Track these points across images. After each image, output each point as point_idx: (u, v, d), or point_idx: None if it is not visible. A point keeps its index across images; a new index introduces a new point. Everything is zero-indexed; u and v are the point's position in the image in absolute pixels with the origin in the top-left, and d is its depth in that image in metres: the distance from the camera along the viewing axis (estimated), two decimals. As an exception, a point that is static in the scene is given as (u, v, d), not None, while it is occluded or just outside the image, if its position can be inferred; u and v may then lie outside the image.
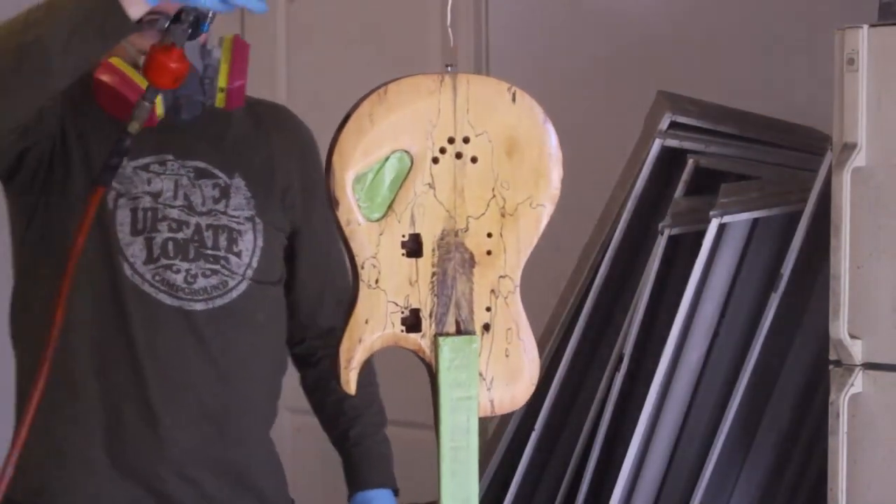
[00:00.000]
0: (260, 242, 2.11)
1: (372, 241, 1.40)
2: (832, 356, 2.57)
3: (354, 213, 1.40)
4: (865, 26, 2.51)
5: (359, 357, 1.40)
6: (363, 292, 1.39)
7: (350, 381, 1.40)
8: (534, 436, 3.02)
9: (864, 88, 2.50)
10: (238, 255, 2.09)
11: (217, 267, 2.07)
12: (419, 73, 1.45)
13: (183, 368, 2.07)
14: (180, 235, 2.06)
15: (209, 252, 2.07)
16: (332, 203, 1.40)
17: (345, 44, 4.21)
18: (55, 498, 2.08)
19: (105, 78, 1.99)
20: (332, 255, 2.22)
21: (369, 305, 1.39)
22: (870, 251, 2.52)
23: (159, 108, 2.00)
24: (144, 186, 2.05)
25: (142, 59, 1.96)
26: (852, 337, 2.53)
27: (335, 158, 1.39)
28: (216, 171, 2.10)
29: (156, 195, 2.06)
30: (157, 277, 2.04)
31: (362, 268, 1.39)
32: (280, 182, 2.15)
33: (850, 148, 2.51)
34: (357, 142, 1.40)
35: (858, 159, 2.52)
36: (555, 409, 3.04)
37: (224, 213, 2.09)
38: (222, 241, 2.08)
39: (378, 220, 1.40)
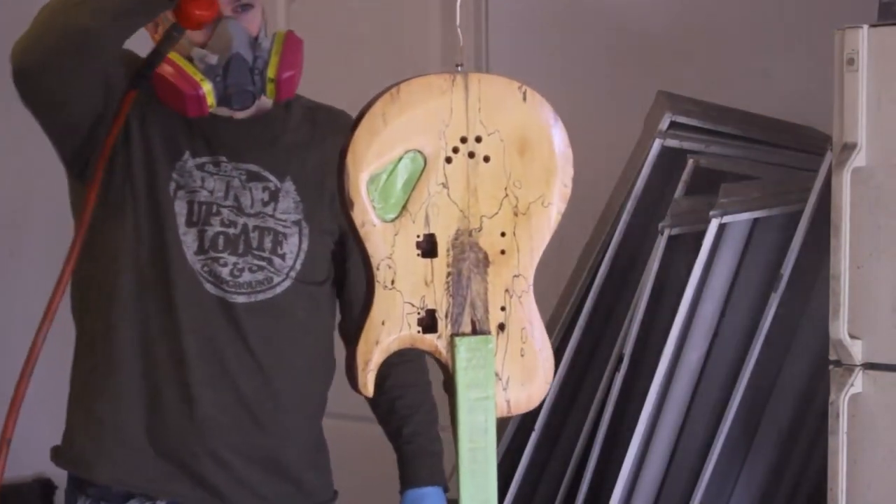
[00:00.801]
0: (305, 245, 2.15)
1: (387, 242, 1.39)
2: (832, 356, 2.57)
3: (369, 214, 1.39)
4: (865, 26, 2.51)
5: (376, 359, 1.39)
6: (379, 293, 1.38)
7: (368, 383, 1.39)
8: (534, 436, 3.02)
9: (864, 88, 2.51)
10: (282, 256, 2.13)
11: (264, 264, 2.12)
12: (421, 72, 1.45)
13: (222, 356, 2.11)
14: (231, 231, 2.11)
15: (254, 252, 2.12)
16: (346, 204, 1.39)
17: (345, 44, 4.20)
18: (92, 468, 2.13)
19: (163, 72, 2.05)
20: None
21: (385, 307, 1.39)
22: (870, 251, 2.52)
23: (210, 98, 2.05)
24: (200, 184, 2.11)
25: (194, 51, 2.05)
26: (852, 337, 2.54)
27: (349, 159, 1.39)
28: (267, 175, 2.14)
29: (210, 193, 2.11)
30: (205, 268, 2.10)
31: (377, 269, 1.39)
32: (330, 187, 2.15)
33: (850, 148, 2.51)
34: (370, 142, 1.39)
35: (858, 159, 2.52)
36: (555, 409, 3.04)
37: (272, 215, 2.13)
38: (267, 243, 2.12)
39: (392, 221, 1.40)
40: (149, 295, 2.10)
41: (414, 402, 2.25)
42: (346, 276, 2.23)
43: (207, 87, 2.04)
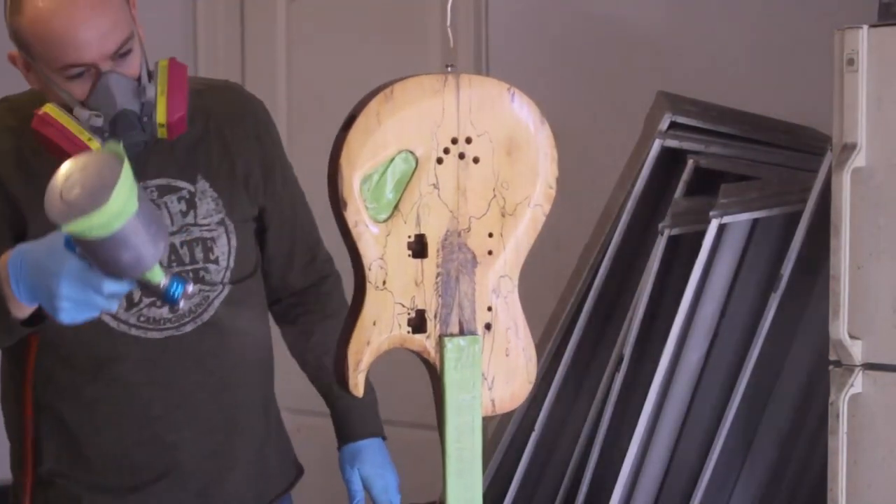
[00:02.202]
0: (234, 242, 2.12)
1: (379, 243, 1.39)
2: (832, 356, 2.57)
3: (362, 214, 1.40)
4: (865, 26, 2.51)
5: (367, 359, 1.39)
6: (371, 294, 1.39)
7: (359, 384, 1.40)
8: (534, 436, 3.02)
9: (864, 88, 2.50)
10: (216, 261, 2.10)
11: (198, 285, 2.09)
12: (420, 73, 1.45)
13: (185, 392, 2.10)
14: None
15: (188, 268, 2.08)
16: (340, 204, 1.39)
17: (345, 44, 4.21)
18: None
19: (43, 130, 1.97)
20: (297, 217, 2.24)
21: (377, 307, 1.39)
22: (870, 251, 2.52)
23: None
24: None
25: (78, 111, 1.95)
26: (852, 337, 2.53)
27: (343, 159, 1.39)
28: (178, 183, 2.09)
29: None
30: (141, 318, 2.07)
31: (369, 269, 1.39)
32: (241, 170, 2.14)
33: (850, 148, 2.51)
34: (364, 141, 1.40)
35: (858, 159, 2.52)
36: (555, 410, 3.04)
37: (194, 224, 2.09)
38: (198, 254, 2.09)
39: (385, 221, 1.40)
40: (95, 374, 2.07)
41: None
42: (264, 246, 2.20)
43: (96, 146, 1.95)
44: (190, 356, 2.09)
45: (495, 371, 1.42)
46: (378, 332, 1.39)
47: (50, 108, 1.97)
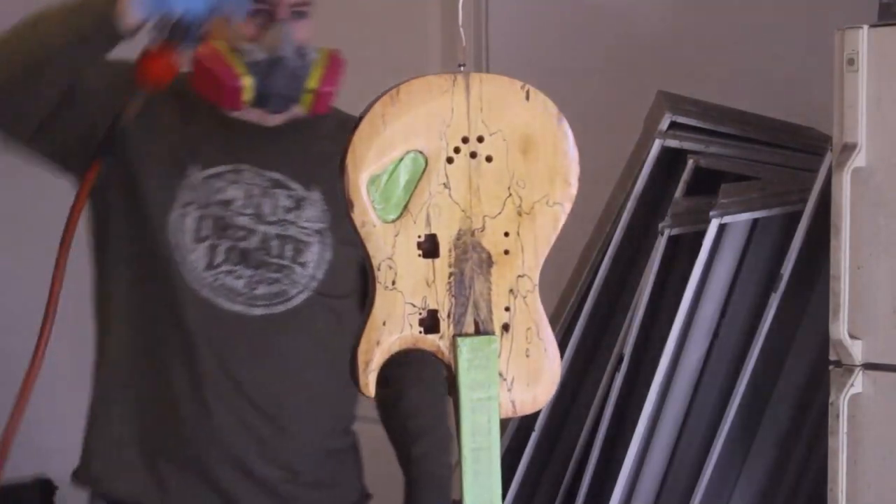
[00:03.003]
0: (328, 256, 2.12)
1: (388, 243, 1.39)
2: (832, 356, 2.57)
3: (369, 214, 1.39)
4: (865, 26, 2.51)
5: (377, 360, 1.38)
6: (380, 294, 1.38)
7: (369, 383, 1.39)
8: (534, 436, 3.02)
9: (864, 88, 2.50)
10: (303, 265, 2.10)
11: (280, 276, 2.09)
12: (421, 73, 1.45)
13: (236, 371, 2.09)
14: (243, 244, 2.07)
15: (273, 261, 2.09)
16: (347, 205, 1.39)
17: (344, 44, 4.19)
18: (114, 483, 2.13)
19: (204, 58, 2.02)
20: None
21: (387, 307, 1.38)
22: (870, 251, 2.52)
23: (248, 94, 2.02)
24: (214, 196, 2.07)
25: (243, 45, 2.02)
26: (852, 337, 2.54)
27: (349, 160, 1.38)
28: (292, 184, 2.11)
29: (226, 203, 2.08)
30: (217, 283, 2.07)
31: (378, 269, 1.38)
32: None
33: (850, 148, 2.51)
34: (370, 143, 1.39)
35: (858, 159, 2.52)
36: (555, 409, 3.04)
37: (294, 223, 2.10)
38: (288, 251, 2.09)
39: (394, 221, 1.40)
40: (159, 318, 2.08)
41: (426, 424, 2.22)
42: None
43: (248, 82, 2.00)
44: (252, 338, 2.08)
45: (515, 372, 1.41)
46: (388, 332, 1.38)
47: (218, 43, 2.02)
